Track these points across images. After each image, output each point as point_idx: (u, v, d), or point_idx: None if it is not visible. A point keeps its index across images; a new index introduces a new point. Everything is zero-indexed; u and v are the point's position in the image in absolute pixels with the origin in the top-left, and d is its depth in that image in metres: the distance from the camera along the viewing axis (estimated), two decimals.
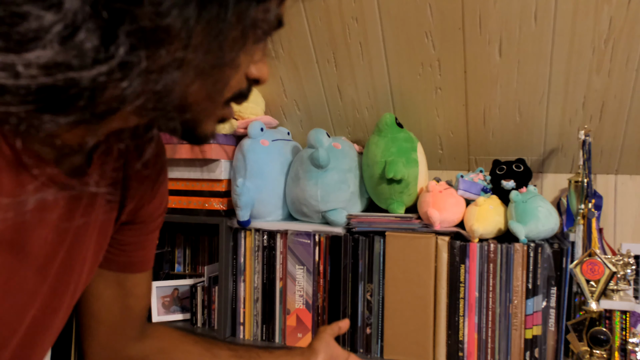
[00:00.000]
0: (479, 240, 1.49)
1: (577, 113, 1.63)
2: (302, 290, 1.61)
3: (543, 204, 1.51)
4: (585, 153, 1.48)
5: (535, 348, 1.44)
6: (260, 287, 1.65)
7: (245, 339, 1.67)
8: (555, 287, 1.44)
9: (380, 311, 1.54)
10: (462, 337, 1.49)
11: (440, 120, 1.76)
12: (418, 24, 1.56)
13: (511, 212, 1.52)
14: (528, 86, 1.61)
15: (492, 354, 1.47)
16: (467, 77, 1.64)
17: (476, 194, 1.60)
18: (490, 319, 1.47)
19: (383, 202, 1.68)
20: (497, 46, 1.55)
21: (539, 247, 1.43)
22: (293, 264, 1.61)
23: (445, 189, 1.60)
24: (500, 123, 1.71)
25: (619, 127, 1.63)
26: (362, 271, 1.56)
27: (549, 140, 1.72)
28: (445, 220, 1.56)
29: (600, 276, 1.31)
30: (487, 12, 1.49)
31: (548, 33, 1.49)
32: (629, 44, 1.46)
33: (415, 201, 1.68)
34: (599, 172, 1.74)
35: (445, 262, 1.48)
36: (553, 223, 1.50)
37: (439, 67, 1.64)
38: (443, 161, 1.87)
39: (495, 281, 1.46)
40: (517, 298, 1.45)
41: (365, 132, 1.87)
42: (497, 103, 1.67)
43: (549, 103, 1.63)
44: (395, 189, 1.63)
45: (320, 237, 1.60)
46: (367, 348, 1.56)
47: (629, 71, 1.51)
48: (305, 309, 1.61)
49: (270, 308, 1.64)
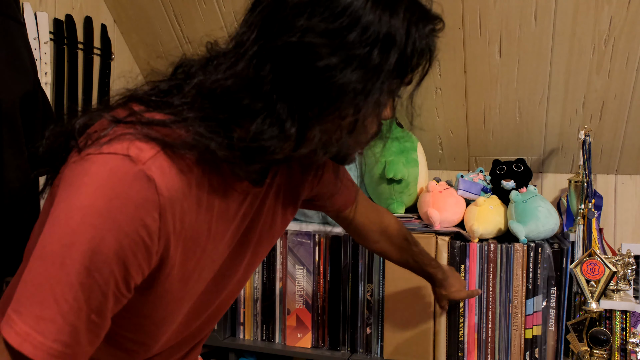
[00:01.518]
0: (479, 240, 1.49)
1: (577, 113, 1.63)
2: (302, 290, 1.61)
3: (543, 204, 1.51)
4: (585, 153, 1.48)
5: (535, 348, 1.44)
6: (260, 287, 1.64)
7: (245, 339, 1.67)
8: (555, 287, 1.44)
9: (380, 311, 1.54)
10: (462, 337, 1.48)
11: (440, 120, 1.76)
12: None
13: (511, 212, 1.52)
14: (528, 86, 1.61)
15: (492, 354, 1.47)
16: (467, 77, 1.64)
17: (476, 194, 1.60)
18: (490, 319, 1.47)
19: (383, 202, 1.68)
20: (497, 46, 1.55)
21: (539, 247, 1.43)
22: (293, 264, 1.61)
23: (445, 189, 1.60)
24: (500, 123, 1.71)
25: (619, 127, 1.63)
26: (362, 271, 1.56)
27: (549, 140, 1.72)
28: (445, 220, 1.56)
29: (600, 276, 1.31)
30: (487, 11, 1.49)
31: (548, 33, 1.49)
32: (629, 44, 1.46)
33: (415, 201, 1.68)
34: (599, 172, 1.74)
35: (445, 262, 1.48)
36: (553, 223, 1.50)
37: (439, 67, 1.64)
38: (443, 161, 1.87)
39: (495, 281, 1.46)
40: (517, 298, 1.45)
41: None
42: (497, 103, 1.67)
43: (549, 103, 1.63)
44: (395, 189, 1.63)
45: (320, 237, 1.60)
46: (367, 348, 1.56)
47: (629, 71, 1.51)
48: (305, 309, 1.61)
49: (270, 308, 1.64)
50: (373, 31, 0.64)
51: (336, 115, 0.67)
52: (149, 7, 1.80)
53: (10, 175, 1.19)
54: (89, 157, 0.62)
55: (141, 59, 1.96)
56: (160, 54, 1.92)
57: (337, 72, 0.63)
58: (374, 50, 0.64)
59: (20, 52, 1.24)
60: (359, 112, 0.66)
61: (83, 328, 0.61)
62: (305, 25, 0.63)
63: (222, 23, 1.76)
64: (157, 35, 1.87)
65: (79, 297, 0.59)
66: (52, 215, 0.61)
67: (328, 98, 0.65)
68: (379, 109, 0.69)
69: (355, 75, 0.64)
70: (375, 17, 0.64)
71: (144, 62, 1.97)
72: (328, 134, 0.69)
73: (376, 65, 0.65)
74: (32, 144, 1.23)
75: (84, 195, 0.60)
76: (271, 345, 1.63)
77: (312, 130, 0.67)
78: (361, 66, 0.64)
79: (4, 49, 1.20)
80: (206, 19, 1.77)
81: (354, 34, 0.63)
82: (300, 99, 0.65)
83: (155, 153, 0.62)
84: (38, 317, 0.58)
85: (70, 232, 0.59)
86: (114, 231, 0.59)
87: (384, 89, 0.67)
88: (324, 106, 0.66)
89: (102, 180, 0.60)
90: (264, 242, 0.88)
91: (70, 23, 1.67)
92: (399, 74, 0.68)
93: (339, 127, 0.68)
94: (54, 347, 0.59)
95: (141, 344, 0.78)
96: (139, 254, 0.62)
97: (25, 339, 0.58)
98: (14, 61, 1.22)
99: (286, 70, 0.64)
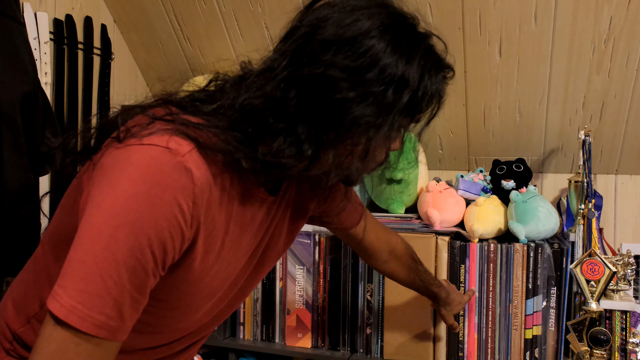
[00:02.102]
0: (479, 240, 1.49)
1: (577, 113, 1.63)
2: (302, 290, 1.61)
3: (543, 204, 1.51)
4: (585, 153, 1.48)
5: (535, 348, 1.44)
6: (260, 287, 1.64)
7: (245, 339, 1.67)
8: (555, 287, 1.44)
9: (380, 311, 1.54)
10: (462, 337, 1.48)
11: (440, 120, 1.76)
12: None
13: (511, 212, 1.52)
14: (528, 86, 1.61)
15: (492, 354, 1.47)
16: (467, 77, 1.64)
17: (476, 194, 1.60)
18: (490, 319, 1.47)
19: (383, 202, 1.68)
20: (497, 46, 1.55)
21: (539, 247, 1.43)
22: (293, 264, 1.61)
23: (445, 189, 1.60)
24: (500, 123, 1.71)
25: (619, 127, 1.63)
26: (362, 271, 1.56)
27: (549, 140, 1.72)
28: (445, 220, 1.56)
29: (600, 276, 1.31)
30: (487, 12, 1.49)
31: (548, 33, 1.49)
32: (629, 44, 1.46)
33: (415, 201, 1.68)
34: (599, 172, 1.74)
35: (445, 262, 1.48)
36: (553, 223, 1.50)
37: None
38: (443, 161, 1.87)
39: (495, 281, 1.46)
40: (517, 298, 1.45)
41: None
42: (497, 103, 1.67)
43: (549, 103, 1.63)
44: (395, 189, 1.63)
45: (320, 237, 1.60)
46: (367, 348, 1.56)
47: (629, 71, 1.51)
48: (305, 309, 1.61)
49: (270, 308, 1.64)
50: (390, 73, 0.71)
51: (349, 143, 0.74)
52: (149, 7, 1.80)
53: (10, 175, 1.19)
54: (131, 147, 0.68)
55: (141, 59, 1.96)
56: (160, 54, 1.92)
57: (354, 105, 0.71)
58: (388, 89, 0.71)
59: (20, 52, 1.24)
60: (370, 142, 0.74)
61: (126, 303, 0.66)
62: (330, 60, 0.70)
63: (222, 23, 1.76)
64: (157, 35, 1.87)
65: (122, 275, 0.64)
66: (97, 199, 0.67)
67: (343, 127, 0.72)
68: (388, 141, 0.77)
69: (369, 109, 0.71)
70: (393, 61, 0.71)
71: (144, 62, 1.97)
72: (340, 159, 0.76)
73: (389, 103, 0.72)
74: (32, 144, 1.23)
75: (128, 182, 0.66)
76: (271, 345, 1.63)
77: (326, 153, 0.74)
78: (376, 102, 0.71)
79: (4, 49, 1.20)
80: (206, 19, 1.77)
81: (372, 73, 0.71)
82: (318, 125, 0.72)
83: (191, 148, 0.69)
84: (83, 291, 0.63)
85: (115, 214, 0.65)
86: (154, 215, 0.65)
87: (395, 125, 0.74)
88: (339, 133, 0.73)
89: (145, 169, 0.66)
90: (271, 253, 0.93)
91: (70, 23, 1.67)
92: (409, 112, 0.76)
93: (351, 153, 0.75)
94: (99, 318, 0.63)
95: (146, 325, 0.80)
96: (176, 236, 0.68)
97: (71, 311, 0.62)
98: (13, 61, 1.22)
99: (309, 98, 0.71)
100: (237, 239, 0.81)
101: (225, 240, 0.78)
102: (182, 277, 0.75)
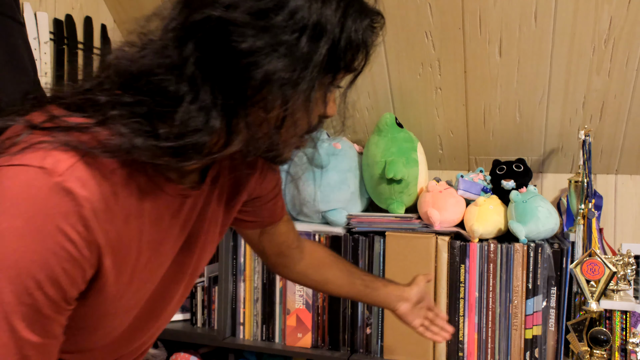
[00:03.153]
0: (479, 240, 1.49)
1: (577, 113, 1.63)
2: (302, 290, 1.61)
3: (543, 204, 1.51)
4: (585, 153, 1.48)
5: (535, 348, 1.44)
6: (260, 287, 1.64)
7: (245, 339, 1.66)
8: (555, 287, 1.44)
9: (380, 311, 1.54)
10: (462, 337, 1.48)
11: (440, 120, 1.76)
12: (418, 24, 1.56)
13: (511, 212, 1.52)
14: (528, 86, 1.61)
15: (492, 354, 1.47)
16: (467, 77, 1.64)
17: (476, 194, 1.60)
18: (490, 319, 1.47)
19: (383, 202, 1.68)
20: (497, 46, 1.55)
21: (539, 247, 1.43)
22: None
23: (445, 189, 1.60)
24: (500, 123, 1.71)
25: (619, 127, 1.63)
26: None
27: (549, 140, 1.72)
28: (445, 220, 1.56)
29: (600, 276, 1.31)
30: (487, 12, 1.49)
31: (548, 33, 1.49)
32: (629, 44, 1.46)
33: (415, 201, 1.68)
34: (599, 172, 1.74)
35: (445, 262, 1.48)
36: (553, 223, 1.50)
37: (439, 67, 1.64)
38: (443, 161, 1.87)
39: (495, 281, 1.46)
40: (517, 298, 1.45)
41: (365, 132, 1.87)
42: (497, 103, 1.67)
43: (549, 103, 1.63)
44: (395, 189, 1.63)
45: (320, 237, 1.60)
46: (367, 348, 1.56)
47: (629, 71, 1.51)
48: (305, 309, 1.61)
49: (270, 308, 1.64)
50: (301, 17, 0.60)
51: (262, 107, 0.63)
52: (149, 8, 1.80)
53: None
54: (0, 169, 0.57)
55: None
56: None
57: (262, 57, 0.60)
58: (302, 37, 0.61)
59: (20, 52, 1.24)
60: (286, 105, 0.62)
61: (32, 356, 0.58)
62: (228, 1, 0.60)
63: None
64: None
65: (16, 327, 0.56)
66: None
67: (253, 85, 0.61)
68: (309, 104, 0.64)
69: (281, 63, 0.60)
70: (305, 2, 0.61)
71: None
72: (255, 126, 0.64)
73: (304, 55, 0.61)
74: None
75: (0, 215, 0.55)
76: (271, 345, 1.63)
77: (238, 122, 0.64)
78: (288, 54, 0.60)
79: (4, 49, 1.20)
80: None
81: (280, 17, 0.60)
82: (225, 85, 0.61)
83: (73, 163, 0.58)
84: None
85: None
86: (38, 252, 0.55)
87: (314, 83, 0.62)
88: (249, 94, 0.62)
89: (17, 197, 0.55)
90: (207, 248, 0.85)
91: (70, 23, 1.67)
92: (331, 68, 0.64)
93: (266, 120, 0.64)
94: None
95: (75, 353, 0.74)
96: (71, 269, 0.58)
97: None
98: (13, 61, 1.22)
99: (210, 51, 0.60)
100: (155, 246, 0.71)
101: (141, 250, 0.69)
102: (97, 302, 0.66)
